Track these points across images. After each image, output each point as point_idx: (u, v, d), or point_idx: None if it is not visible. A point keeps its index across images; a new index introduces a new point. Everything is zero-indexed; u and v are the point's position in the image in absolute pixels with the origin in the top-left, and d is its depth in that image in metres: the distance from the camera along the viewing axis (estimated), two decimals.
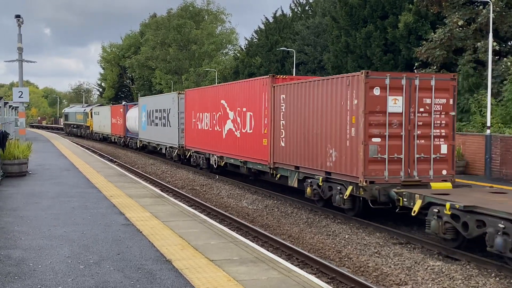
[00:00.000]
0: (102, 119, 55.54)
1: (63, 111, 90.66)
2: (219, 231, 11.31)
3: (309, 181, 16.79)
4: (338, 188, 15.22)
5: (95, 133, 59.93)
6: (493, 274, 10.44)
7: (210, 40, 72.10)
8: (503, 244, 10.25)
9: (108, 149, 47.11)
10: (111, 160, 34.38)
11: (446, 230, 11.73)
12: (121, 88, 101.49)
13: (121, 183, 18.57)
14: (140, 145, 39.85)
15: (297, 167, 17.53)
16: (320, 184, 16.03)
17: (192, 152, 28.45)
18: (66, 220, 11.96)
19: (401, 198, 13.24)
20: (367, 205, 14.58)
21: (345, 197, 14.76)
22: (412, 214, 12.69)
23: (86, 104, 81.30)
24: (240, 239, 10.70)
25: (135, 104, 44.28)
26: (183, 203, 16.78)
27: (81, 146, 45.13)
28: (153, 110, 35.49)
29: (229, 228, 12.87)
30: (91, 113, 62.00)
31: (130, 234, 10.73)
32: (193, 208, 15.53)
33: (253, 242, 11.63)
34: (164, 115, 32.94)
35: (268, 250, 10.88)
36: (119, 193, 16.17)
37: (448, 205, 11.53)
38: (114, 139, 50.46)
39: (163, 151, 34.05)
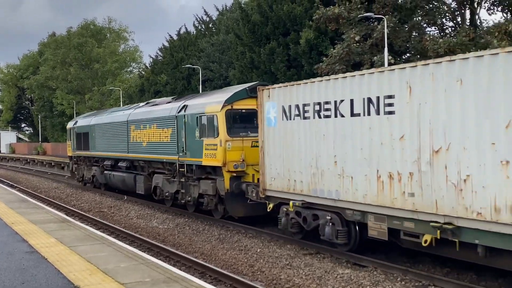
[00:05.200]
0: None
1: (69, 125, 33.98)
2: (129, 253, 11.06)
3: None
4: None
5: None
6: (399, 279, 10.87)
7: (113, 58, 70.61)
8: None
9: (7, 173, 44.78)
10: (11, 186, 32.72)
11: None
12: (20, 110, 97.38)
13: (23, 209, 17.71)
14: None
15: None
16: None
17: None
18: None
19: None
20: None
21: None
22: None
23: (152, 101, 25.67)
24: (151, 260, 10.52)
25: None
26: (91, 226, 16.25)
27: None
28: None
29: (139, 250, 12.60)
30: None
31: (35, 261, 10.25)
32: (101, 231, 15.08)
33: (165, 262, 11.47)
34: None
35: (180, 269, 10.74)
36: (21, 220, 15.41)
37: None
38: None
39: None
